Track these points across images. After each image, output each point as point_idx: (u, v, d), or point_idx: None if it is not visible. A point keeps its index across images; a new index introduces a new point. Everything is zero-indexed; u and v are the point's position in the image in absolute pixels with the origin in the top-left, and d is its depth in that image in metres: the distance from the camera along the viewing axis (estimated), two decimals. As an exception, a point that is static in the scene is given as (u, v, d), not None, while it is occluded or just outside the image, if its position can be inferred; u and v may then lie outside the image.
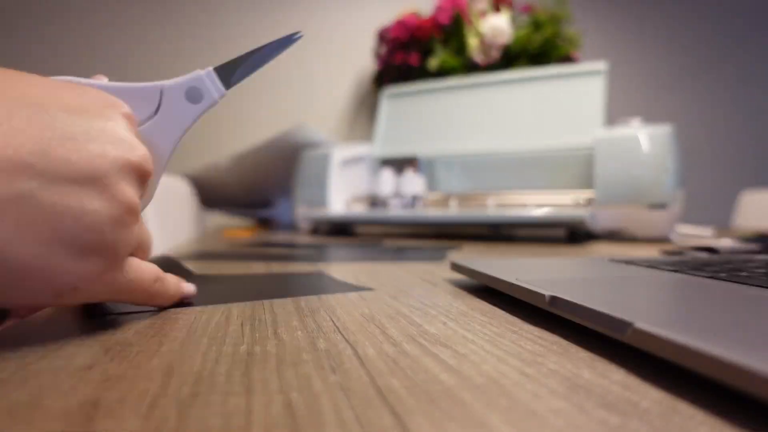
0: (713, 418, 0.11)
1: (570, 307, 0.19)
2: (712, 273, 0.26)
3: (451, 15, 1.25)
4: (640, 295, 0.20)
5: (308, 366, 0.15)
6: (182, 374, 0.15)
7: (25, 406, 0.12)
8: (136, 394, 0.13)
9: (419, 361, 0.16)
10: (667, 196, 0.59)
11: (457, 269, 0.30)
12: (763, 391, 0.11)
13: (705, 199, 1.83)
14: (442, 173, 0.82)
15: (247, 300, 0.25)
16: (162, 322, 0.21)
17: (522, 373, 0.15)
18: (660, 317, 0.16)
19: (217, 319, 0.21)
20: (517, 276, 0.25)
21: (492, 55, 1.21)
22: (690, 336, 0.13)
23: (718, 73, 1.87)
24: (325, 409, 0.12)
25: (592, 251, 0.51)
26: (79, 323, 0.21)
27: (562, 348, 0.17)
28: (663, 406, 0.12)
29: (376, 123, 0.93)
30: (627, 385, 0.14)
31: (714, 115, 1.87)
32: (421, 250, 0.51)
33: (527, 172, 0.76)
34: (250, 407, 0.12)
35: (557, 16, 1.24)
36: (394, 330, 0.20)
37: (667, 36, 1.84)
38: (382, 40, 1.37)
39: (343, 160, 0.79)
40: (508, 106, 0.83)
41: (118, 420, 0.11)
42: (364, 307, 0.24)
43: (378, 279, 0.33)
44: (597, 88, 0.78)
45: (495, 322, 0.21)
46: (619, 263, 0.31)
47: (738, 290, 0.21)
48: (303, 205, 0.78)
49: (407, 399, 0.13)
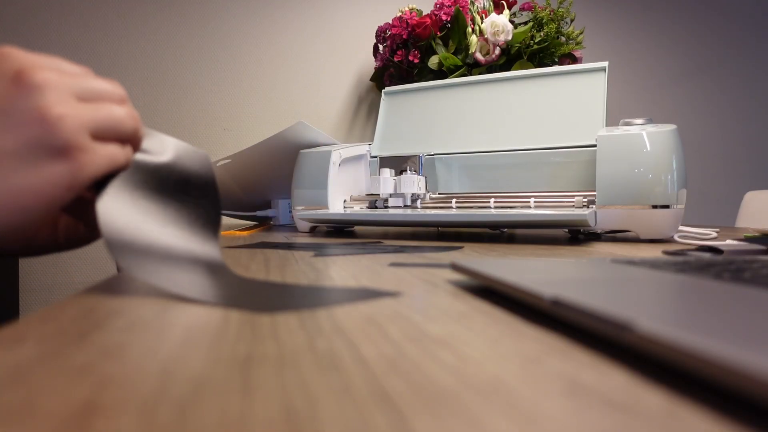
0: (715, 420, 0.11)
1: (571, 307, 0.18)
2: (716, 274, 0.25)
3: (452, 12, 1.25)
4: (642, 296, 0.20)
5: (308, 366, 0.15)
6: (181, 375, 0.14)
7: (20, 408, 0.12)
8: (133, 395, 0.13)
9: (419, 362, 0.16)
10: (670, 196, 0.59)
11: (457, 270, 0.30)
12: (765, 393, 0.10)
13: (709, 200, 1.82)
14: (442, 173, 0.82)
15: (245, 309, 0.24)
16: (161, 322, 0.21)
17: (523, 373, 0.14)
18: (662, 318, 0.16)
19: (217, 319, 0.21)
20: (518, 277, 0.25)
21: (493, 53, 1.21)
22: (693, 338, 0.13)
23: (721, 73, 1.87)
24: (325, 410, 0.12)
25: (594, 252, 0.51)
26: (75, 323, 0.21)
27: (563, 349, 0.17)
28: (665, 408, 0.12)
29: (376, 122, 0.93)
30: (629, 386, 0.13)
31: (718, 115, 1.87)
32: (422, 250, 0.50)
33: (528, 172, 0.76)
34: (249, 408, 0.12)
35: (559, 14, 1.24)
36: (395, 330, 0.19)
37: (668, 36, 1.84)
38: (382, 38, 1.37)
39: (342, 159, 0.79)
40: (509, 106, 0.83)
41: (115, 421, 0.11)
42: (364, 307, 0.24)
43: (378, 279, 0.32)
44: (599, 87, 0.77)
45: (496, 322, 0.21)
46: (622, 264, 0.30)
47: (742, 291, 0.21)
48: (302, 204, 0.78)
49: (408, 400, 0.13)
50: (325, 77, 1.56)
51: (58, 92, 0.26)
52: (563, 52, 1.26)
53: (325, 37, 1.56)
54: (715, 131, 1.86)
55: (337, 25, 1.57)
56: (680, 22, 1.84)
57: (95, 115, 0.27)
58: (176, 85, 1.46)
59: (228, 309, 0.23)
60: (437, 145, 0.84)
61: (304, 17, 1.55)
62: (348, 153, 0.81)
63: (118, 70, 1.41)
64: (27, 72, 0.25)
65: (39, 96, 0.25)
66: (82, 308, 0.23)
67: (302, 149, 0.81)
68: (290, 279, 0.33)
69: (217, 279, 0.29)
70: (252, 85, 1.51)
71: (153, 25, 1.45)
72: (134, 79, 1.42)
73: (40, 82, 0.25)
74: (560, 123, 0.77)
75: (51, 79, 0.26)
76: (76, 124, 0.26)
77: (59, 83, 0.26)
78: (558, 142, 0.75)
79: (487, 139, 0.81)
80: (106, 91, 0.29)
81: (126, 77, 1.41)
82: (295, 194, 0.79)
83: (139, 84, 1.43)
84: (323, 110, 1.56)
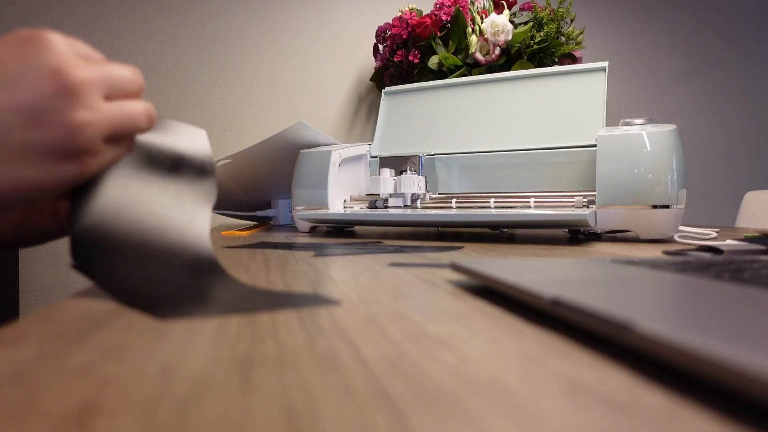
0: (715, 420, 0.11)
1: (571, 307, 0.18)
2: (716, 274, 0.25)
3: (452, 12, 1.25)
4: (642, 296, 0.20)
5: (308, 366, 0.15)
6: (181, 375, 0.14)
7: (20, 408, 0.12)
8: (133, 395, 0.13)
9: (419, 362, 0.16)
10: (670, 196, 0.59)
11: (457, 270, 0.30)
12: (765, 393, 0.10)
13: (709, 200, 1.82)
14: (442, 173, 0.82)
15: (245, 312, 0.23)
16: (160, 322, 0.21)
17: (523, 373, 0.14)
18: (662, 319, 0.16)
19: (216, 319, 0.21)
20: (518, 277, 0.25)
21: (493, 53, 1.21)
22: (693, 338, 0.13)
23: (721, 73, 1.87)
24: (325, 410, 0.12)
25: (594, 252, 0.51)
26: (75, 323, 0.21)
27: (563, 349, 0.17)
28: (665, 408, 0.12)
29: (376, 122, 0.93)
30: (629, 386, 0.13)
31: (718, 115, 1.87)
32: (422, 250, 0.50)
33: (528, 172, 0.76)
34: (249, 409, 0.12)
35: (559, 14, 1.24)
36: (395, 330, 0.19)
37: (668, 36, 1.84)
38: (382, 38, 1.37)
39: (342, 159, 0.79)
40: (509, 106, 0.83)
41: (115, 421, 0.11)
42: (364, 307, 0.24)
43: (378, 280, 0.32)
44: (599, 87, 0.77)
45: (496, 322, 0.21)
46: (622, 264, 0.30)
47: (742, 291, 0.20)
48: (302, 204, 0.78)
49: (408, 400, 0.13)
50: (325, 77, 1.56)
51: (89, 94, 0.26)
52: (563, 52, 1.26)
53: (326, 37, 1.56)
54: (715, 131, 1.86)
55: (337, 25, 1.57)
56: (680, 22, 1.84)
57: (115, 120, 0.28)
58: (176, 85, 1.46)
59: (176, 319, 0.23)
60: (437, 145, 0.84)
61: (304, 17, 1.55)
62: (348, 153, 0.81)
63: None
64: (65, 72, 0.26)
65: (71, 99, 0.26)
66: (82, 308, 0.23)
67: (302, 149, 0.81)
68: (290, 279, 0.33)
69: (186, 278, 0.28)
70: (252, 85, 1.51)
71: (153, 25, 1.45)
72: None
73: (75, 85, 0.26)
74: (560, 123, 0.77)
75: (86, 80, 0.26)
76: (96, 132, 0.27)
77: (92, 85, 0.27)
78: (558, 142, 0.75)
79: (487, 139, 0.81)
80: (128, 82, 0.29)
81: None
82: (295, 194, 0.79)
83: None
84: (323, 110, 1.56)
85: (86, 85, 0.26)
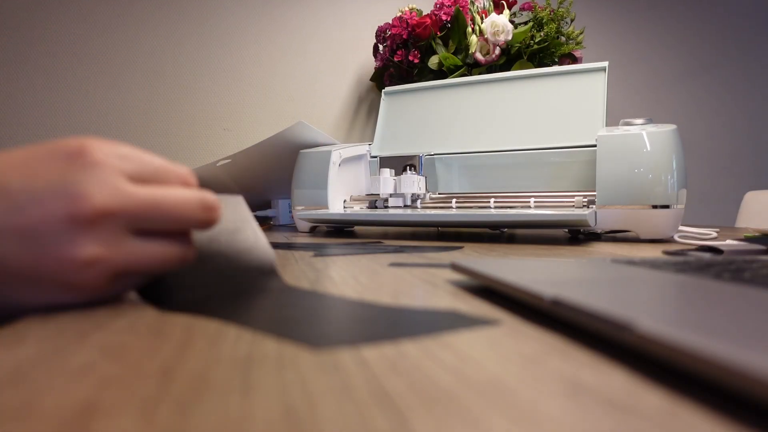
0: (715, 420, 0.11)
1: (571, 307, 0.18)
2: (716, 274, 0.25)
3: (452, 12, 1.25)
4: (642, 296, 0.20)
5: (308, 366, 0.15)
6: (181, 375, 0.14)
7: (20, 408, 0.12)
8: (133, 395, 0.13)
9: (419, 362, 0.16)
10: (670, 196, 0.59)
11: (457, 270, 0.30)
12: (765, 393, 0.10)
13: (709, 200, 1.82)
14: (442, 173, 0.82)
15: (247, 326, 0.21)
16: (160, 323, 0.21)
17: (523, 373, 0.14)
18: (662, 318, 0.16)
19: (216, 319, 0.21)
20: (518, 277, 0.25)
21: (493, 53, 1.21)
22: (693, 338, 0.13)
23: (721, 73, 1.87)
24: (325, 410, 0.12)
25: (594, 252, 0.51)
26: (75, 323, 0.21)
27: (563, 349, 0.17)
28: (665, 408, 0.12)
29: (376, 122, 0.93)
30: (629, 386, 0.13)
31: (718, 115, 1.87)
32: (422, 250, 0.50)
33: (528, 172, 0.76)
34: (249, 408, 0.12)
35: (559, 14, 1.24)
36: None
37: (668, 36, 1.84)
38: (382, 38, 1.37)
39: (342, 159, 0.79)
40: (509, 106, 0.83)
41: (115, 421, 0.11)
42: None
43: (378, 279, 0.32)
44: (598, 87, 0.77)
45: (496, 322, 0.21)
46: (622, 264, 0.30)
47: (742, 291, 0.20)
48: (302, 204, 0.78)
49: (408, 400, 0.13)
50: (325, 77, 1.56)
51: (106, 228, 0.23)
52: (563, 52, 1.26)
53: (326, 36, 1.56)
54: (715, 131, 1.86)
55: (337, 25, 1.57)
56: (680, 22, 1.84)
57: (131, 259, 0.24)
58: (176, 84, 1.46)
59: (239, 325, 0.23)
60: (437, 145, 0.84)
61: (303, 16, 1.55)
62: (348, 153, 0.81)
63: (117, 70, 1.41)
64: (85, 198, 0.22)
65: (82, 231, 0.22)
66: (82, 308, 0.23)
67: (302, 149, 0.81)
68: (290, 279, 0.33)
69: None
70: (252, 85, 1.51)
71: (152, 24, 1.45)
72: (133, 78, 1.42)
73: (91, 216, 0.22)
74: (560, 123, 0.77)
75: (108, 212, 0.22)
76: (103, 272, 0.23)
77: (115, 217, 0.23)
78: (558, 142, 0.75)
79: (487, 139, 0.81)
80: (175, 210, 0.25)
81: (125, 77, 1.41)
82: (295, 194, 0.79)
83: (139, 83, 1.43)
84: (323, 110, 1.56)
85: (106, 217, 0.22)
